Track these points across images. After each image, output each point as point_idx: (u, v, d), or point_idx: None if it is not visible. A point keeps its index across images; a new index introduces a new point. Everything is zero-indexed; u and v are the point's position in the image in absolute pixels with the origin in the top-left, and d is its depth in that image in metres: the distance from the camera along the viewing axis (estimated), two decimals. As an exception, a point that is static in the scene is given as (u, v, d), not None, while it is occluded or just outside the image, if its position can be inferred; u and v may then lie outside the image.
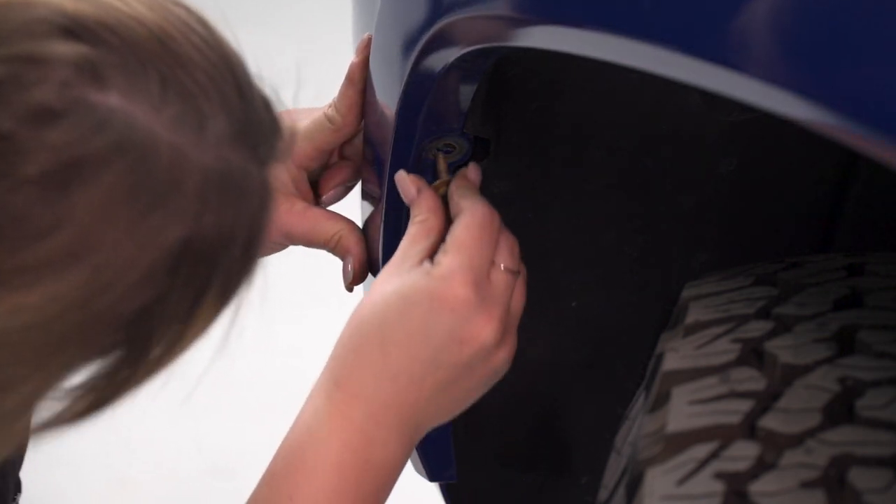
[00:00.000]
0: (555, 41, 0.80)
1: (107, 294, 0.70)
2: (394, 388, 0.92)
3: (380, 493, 0.93)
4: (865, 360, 0.75)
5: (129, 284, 0.70)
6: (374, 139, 1.04)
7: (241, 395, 2.38)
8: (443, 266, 0.92)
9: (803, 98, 0.60)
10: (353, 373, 0.93)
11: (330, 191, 1.10)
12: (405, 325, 0.91)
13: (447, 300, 0.91)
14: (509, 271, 0.94)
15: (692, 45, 0.66)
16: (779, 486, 0.69)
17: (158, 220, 0.70)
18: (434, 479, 1.15)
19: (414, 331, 0.91)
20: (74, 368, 0.73)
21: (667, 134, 1.08)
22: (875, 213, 1.14)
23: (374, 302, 0.93)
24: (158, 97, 0.70)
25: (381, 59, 1.00)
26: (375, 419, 0.92)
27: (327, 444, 0.92)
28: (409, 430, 0.93)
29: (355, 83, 1.03)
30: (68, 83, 0.67)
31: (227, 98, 0.73)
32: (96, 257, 0.69)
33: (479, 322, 0.91)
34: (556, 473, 1.23)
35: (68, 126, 0.67)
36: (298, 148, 1.07)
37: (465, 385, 0.94)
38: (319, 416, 0.93)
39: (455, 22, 0.86)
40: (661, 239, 1.13)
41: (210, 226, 0.72)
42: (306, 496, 0.91)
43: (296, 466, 0.92)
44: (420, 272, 0.92)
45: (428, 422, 0.95)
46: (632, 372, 1.12)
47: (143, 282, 0.71)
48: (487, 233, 0.93)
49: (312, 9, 3.46)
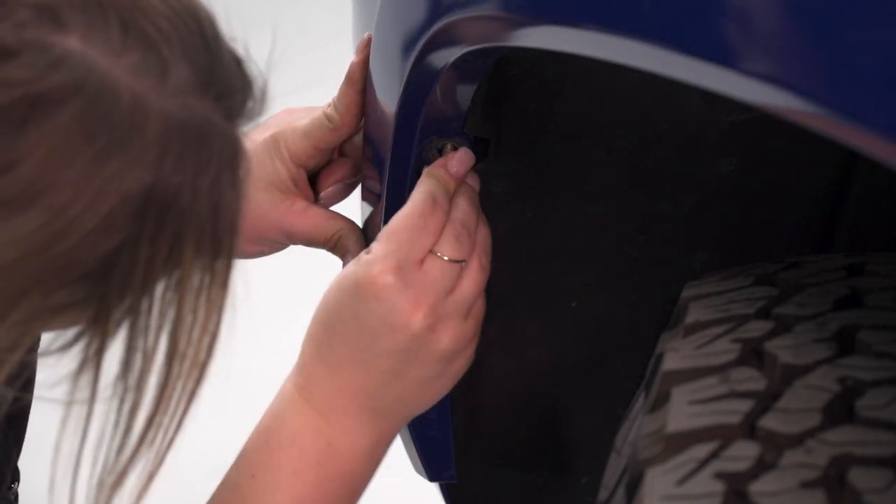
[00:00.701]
0: (555, 41, 0.79)
1: (65, 239, 0.69)
2: (342, 374, 0.93)
3: (346, 478, 0.94)
4: (865, 360, 0.75)
5: (89, 230, 0.69)
6: (374, 139, 1.04)
7: (242, 395, 2.37)
8: (371, 254, 0.93)
9: (803, 98, 0.60)
10: (308, 361, 0.95)
11: (329, 187, 1.10)
12: (340, 313, 0.93)
13: (371, 287, 0.91)
14: (450, 260, 0.93)
15: (692, 45, 0.66)
16: (779, 486, 0.69)
17: (117, 165, 0.69)
18: (434, 479, 1.15)
19: (348, 318, 0.92)
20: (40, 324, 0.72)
21: (667, 134, 1.08)
22: (875, 213, 1.13)
23: (325, 294, 0.95)
24: (119, 42, 0.70)
25: (381, 59, 1.00)
26: (330, 403, 0.93)
27: (289, 424, 0.94)
28: (370, 419, 0.94)
29: (355, 83, 1.03)
30: (26, 23, 0.67)
31: (192, 48, 0.73)
32: (53, 198, 0.68)
33: (404, 308, 0.91)
34: (556, 473, 1.23)
35: (23, 63, 0.67)
36: (296, 146, 1.07)
37: (416, 373, 0.93)
38: (284, 400, 0.95)
39: (455, 22, 0.86)
40: (662, 239, 1.13)
41: (172, 174, 0.71)
42: (267, 473, 0.92)
43: (260, 446, 0.94)
44: (354, 262, 0.93)
45: (393, 412, 0.95)
46: (632, 372, 1.12)
47: (104, 228, 0.70)
48: (422, 220, 0.93)
49: (313, 8, 3.46)
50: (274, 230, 1.08)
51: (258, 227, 1.08)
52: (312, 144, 1.07)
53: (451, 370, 0.95)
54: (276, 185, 1.07)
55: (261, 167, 1.07)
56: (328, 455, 0.93)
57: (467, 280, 0.94)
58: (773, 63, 0.62)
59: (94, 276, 0.72)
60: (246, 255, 1.12)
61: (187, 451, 0.82)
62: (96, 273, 0.72)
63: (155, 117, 0.71)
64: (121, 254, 0.72)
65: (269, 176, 1.07)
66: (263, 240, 1.10)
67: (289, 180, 1.08)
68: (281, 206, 1.07)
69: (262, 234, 1.09)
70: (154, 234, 0.72)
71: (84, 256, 0.70)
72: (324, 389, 0.94)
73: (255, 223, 1.08)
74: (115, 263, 0.72)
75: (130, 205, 0.71)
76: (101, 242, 0.71)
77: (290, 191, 1.08)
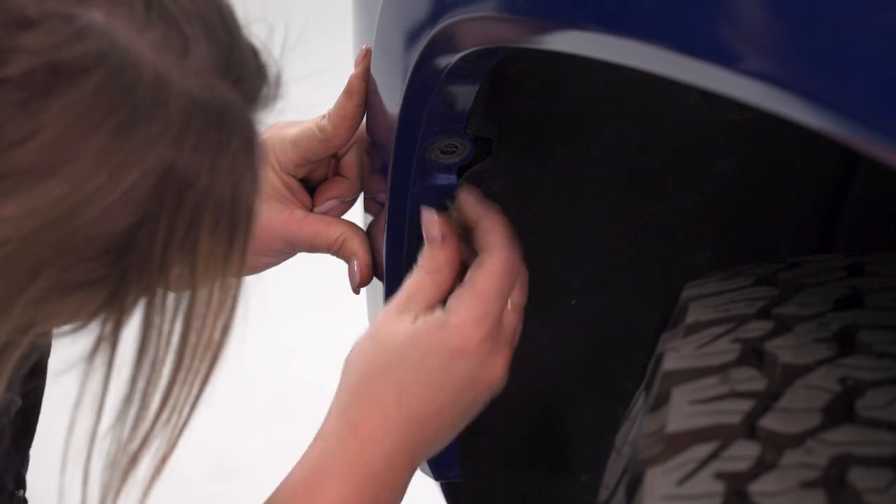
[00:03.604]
0: (557, 42, 0.80)
1: (86, 212, 0.69)
2: (409, 436, 0.94)
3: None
4: (866, 360, 0.75)
5: (109, 203, 0.69)
6: (376, 140, 1.04)
7: (242, 396, 2.37)
8: (459, 317, 0.93)
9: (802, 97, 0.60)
10: (369, 420, 0.94)
11: (324, 203, 1.09)
12: (422, 376, 0.93)
13: (464, 352, 0.93)
14: (518, 309, 0.97)
15: (694, 46, 0.66)
16: (779, 486, 0.69)
17: (139, 139, 0.69)
18: (439, 479, 1.15)
19: (432, 382, 0.93)
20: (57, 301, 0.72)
21: (667, 133, 1.08)
22: (875, 213, 1.13)
23: (384, 351, 0.95)
24: (142, 18, 0.70)
25: (383, 61, 1.00)
26: (389, 465, 0.93)
27: (339, 486, 0.92)
28: (414, 466, 0.96)
29: (353, 95, 1.03)
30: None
31: (213, 29, 0.73)
32: (74, 169, 0.68)
33: (493, 366, 0.95)
34: (555, 472, 1.23)
35: (47, 31, 0.67)
36: (285, 155, 1.07)
37: (467, 413, 0.97)
38: (332, 457, 0.93)
39: (457, 23, 0.86)
40: (661, 238, 1.13)
41: (193, 152, 0.71)
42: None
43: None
44: (433, 323, 0.94)
45: (431, 452, 0.97)
46: (632, 372, 1.12)
47: (124, 203, 0.70)
48: (508, 278, 0.95)
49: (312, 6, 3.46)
50: (277, 241, 1.08)
51: (261, 238, 1.08)
52: (300, 154, 1.06)
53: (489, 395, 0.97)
54: (272, 196, 1.07)
55: None
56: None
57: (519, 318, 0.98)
58: (772, 62, 0.62)
59: (112, 252, 0.71)
60: (252, 267, 1.12)
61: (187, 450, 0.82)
62: (115, 249, 0.71)
63: (177, 94, 0.71)
64: (139, 230, 0.71)
65: (264, 187, 1.07)
66: (268, 251, 1.09)
67: (283, 189, 1.07)
68: (281, 217, 1.07)
69: (266, 246, 1.09)
70: (173, 212, 0.72)
71: (104, 231, 0.70)
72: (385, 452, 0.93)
73: (257, 235, 1.08)
74: (133, 240, 0.72)
75: (151, 180, 0.70)
76: (121, 217, 0.70)
77: (287, 200, 1.08)
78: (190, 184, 0.72)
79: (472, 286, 0.94)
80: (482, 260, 0.95)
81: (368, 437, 0.93)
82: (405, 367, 0.94)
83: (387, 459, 0.93)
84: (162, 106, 0.70)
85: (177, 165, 0.71)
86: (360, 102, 1.03)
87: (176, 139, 0.71)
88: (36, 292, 0.70)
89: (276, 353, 2.53)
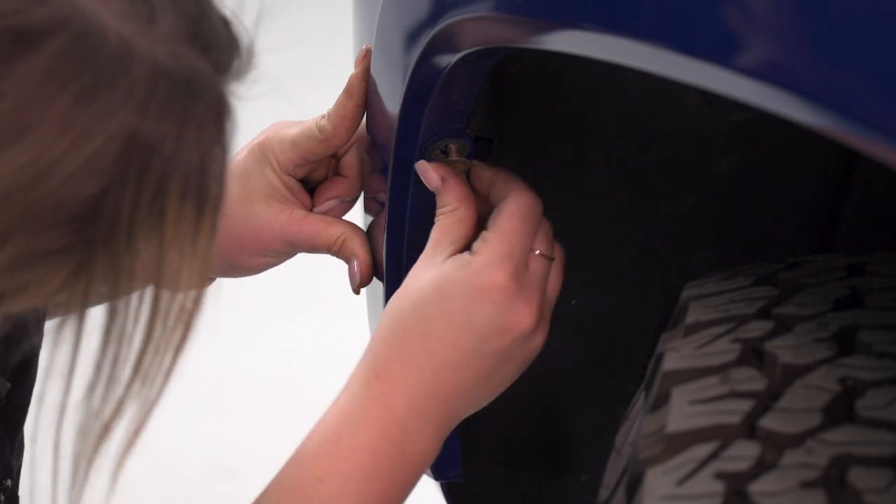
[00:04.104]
0: (557, 42, 0.80)
1: (51, 178, 0.69)
2: (435, 380, 0.92)
3: (409, 483, 0.93)
4: (866, 360, 0.75)
5: (74, 169, 0.70)
6: (376, 140, 1.04)
7: (242, 395, 2.38)
8: (483, 256, 0.92)
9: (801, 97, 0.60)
10: (393, 366, 0.93)
11: (324, 203, 1.09)
12: (446, 317, 0.92)
13: (488, 291, 0.91)
14: (545, 257, 0.94)
15: (695, 46, 0.66)
16: (779, 486, 0.69)
17: (103, 104, 0.70)
18: (440, 479, 1.15)
19: (455, 323, 0.92)
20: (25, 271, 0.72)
21: (667, 133, 1.08)
22: (875, 213, 1.13)
23: (411, 295, 0.93)
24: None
25: (383, 61, 1.00)
26: (416, 411, 0.92)
27: (365, 430, 0.91)
28: (445, 422, 0.94)
29: (353, 95, 1.03)
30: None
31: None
32: (39, 135, 0.69)
33: (519, 310, 0.92)
34: (555, 472, 1.23)
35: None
36: (284, 155, 1.06)
37: (503, 373, 0.94)
38: (358, 403, 0.92)
39: (457, 23, 0.86)
40: (661, 238, 1.13)
41: (158, 119, 0.72)
42: (337, 479, 0.90)
43: (328, 450, 0.91)
44: (457, 263, 0.92)
45: (464, 411, 0.95)
46: (632, 372, 1.12)
47: (90, 169, 0.70)
48: (530, 221, 0.94)
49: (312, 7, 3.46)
50: (277, 241, 1.08)
51: (260, 239, 1.08)
52: (300, 154, 1.06)
53: (525, 366, 0.96)
54: (272, 196, 1.07)
55: (253, 179, 1.07)
56: (400, 463, 0.92)
57: (555, 276, 0.96)
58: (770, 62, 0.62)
59: (79, 220, 0.72)
60: (253, 268, 1.11)
61: (187, 450, 0.82)
62: (82, 216, 0.72)
63: (141, 61, 0.71)
64: (106, 197, 0.72)
65: (264, 187, 1.07)
66: (268, 251, 1.09)
67: (283, 188, 1.07)
68: (280, 217, 1.07)
69: (266, 246, 1.09)
70: (139, 179, 0.72)
71: (70, 197, 0.71)
72: (411, 396, 0.92)
73: (256, 236, 1.08)
74: (100, 207, 0.72)
75: (115, 147, 0.71)
76: (87, 184, 0.71)
77: (287, 199, 1.08)
78: (155, 151, 0.72)
79: (495, 227, 0.93)
80: (503, 205, 0.94)
81: (393, 382, 0.92)
82: (429, 313, 0.92)
83: (412, 404, 0.92)
84: (126, 72, 0.71)
85: (141, 132, 0.71)
86: (359, 102, 1.03)
87: (140, 106, 0.71)
88: (4, 260, 0.71)
89: (275, 353, 2.53)
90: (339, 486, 0.90)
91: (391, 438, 0.92)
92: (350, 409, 0.93)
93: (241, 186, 1.08)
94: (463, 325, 0.92)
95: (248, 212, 1.08)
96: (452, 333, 0.92)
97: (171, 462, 2.19)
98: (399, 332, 0.93)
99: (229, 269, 1.12)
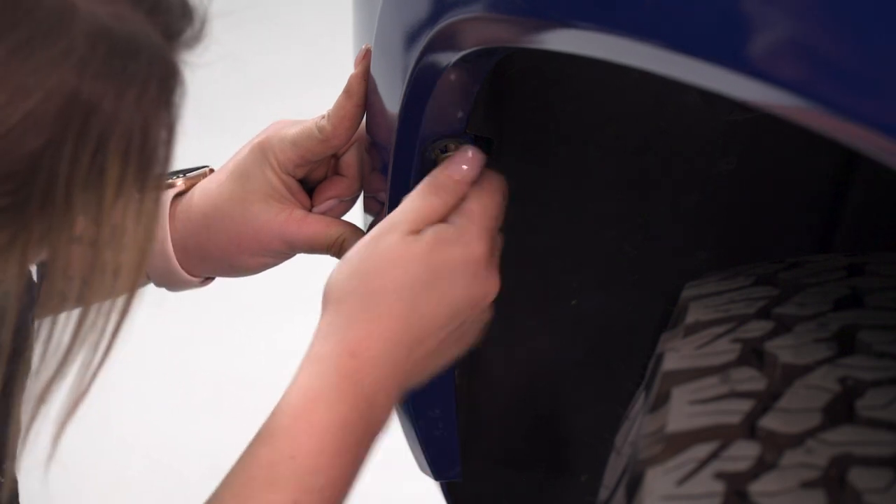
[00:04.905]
0: (556, 42, 0.80)
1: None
2: (407, 356, 0.92)
3: (370, 451, 0.94)
4: (866, 360, 0.75)
5: (12, 125, 0.70)
6: (376, 140, 1.04)
7: (241, 395, 2.37)
8: (468, 231, 0.93)
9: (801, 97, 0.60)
10: (373, 343, 0.92)
11: (323, 203, 1.09)
12: (435, 296, 0.92)
13: (478, 262, 0.93)
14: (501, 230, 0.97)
15: (696, 46, 0.66)
16: (779, 486, 0.69)
17: (39, 60, 0.70)
18: (439, 478, 1.15)
19: (443, 300, 0.93)
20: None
21: (667, 133, 1.08)
22: (875, 213, 1.13)
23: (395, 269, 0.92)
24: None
25: (383, 61, 1.00)
26: (383, 385, 0.92)
27: (337, 406, 0.91)
28: (402, 392, 0.95)
29: (353, 95, 1.03)
30: None
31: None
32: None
33: (492, 281, 0.94)
34: (555, 472, 1.23)
35: None
36: (284, 155, 1.06)
37: (459, 346, 0.96)
38: (330, 380, 0.92)
39: (457, 23, 0.86)
40: (661, 238, 1.13)
41: (97, 78, 0.72)
42: (310, 457, 0.90)
43: (299, 427, 0.91)
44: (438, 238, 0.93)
45: (418, 383, 0.96)
46: (632, 372, 1.12)
47: (27, 125, 0.71)
48: (500, 196, 0.96)
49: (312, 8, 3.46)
50: (276, 241, 1.08)
51: (259, 239, 1.08)
52: (299, 154, 1.06)
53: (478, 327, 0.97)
54: (271, 196, 1.07)
55: (252, 179, 1.07)
56: (366, 435, 0.92)
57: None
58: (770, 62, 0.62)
59: (18, 178, 0.72)
60: (252, 268, 1.11)
61: (186, 450, 0.82)
62: (20, 175, 0.72)
63: (81, 19, 0.72)
64: (44, 154, 0.72)
65: (263, 187, 1.07)
66: (267, 251, 1.09)
67: (282, 188, 1.07)
68: (280, 217, 1.07)
69: (265, 246, 1.09)
70: (77, 137, 0.72)
71: (7, 154, 0.71)
72: (381, 374, 0.92)
73: (255, 236, 1.08)
74: (39, 164, 0.72)
75: (54, 104, 0.71)
76: (25, 140, 0.71)
77: (286, 199, 1.08)
78: (94, 110, 0.72)
79: (477, 200, 0.95)
80: (481, 181, 0.96)
81: (366, 359, 0.92)
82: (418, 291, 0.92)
83: (381, 381, 0.92)
84: (65, 29, 0.71)
85: (81, 90, 0.72)
86: (359, 102, 1.03)
87: (79, 64, 0.71)
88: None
89: (273, 354, 2.53)
90: (311, 463, 0.90)
91: (360, 413, 0.92)
92: (320, 386, 0.92)
93: (240, 186, 1.08)
94: (449, 300, 0.93)
95: (247, 212, 1.08)
96: (439, 311, 0.92)
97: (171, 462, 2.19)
98: (383, 307, 0.92)
99: (228, 268, 1.12)
